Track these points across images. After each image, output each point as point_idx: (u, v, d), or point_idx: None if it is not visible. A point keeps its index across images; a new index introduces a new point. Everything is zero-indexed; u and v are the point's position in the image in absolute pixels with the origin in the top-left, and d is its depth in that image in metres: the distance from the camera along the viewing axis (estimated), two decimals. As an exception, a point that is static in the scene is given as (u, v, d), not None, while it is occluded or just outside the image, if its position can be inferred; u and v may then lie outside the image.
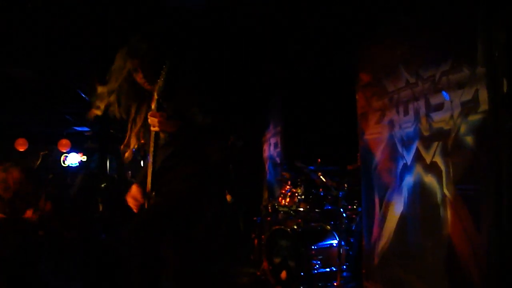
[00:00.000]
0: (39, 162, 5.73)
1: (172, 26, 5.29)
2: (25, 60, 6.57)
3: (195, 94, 3.07)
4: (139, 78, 3.05)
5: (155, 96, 2.88)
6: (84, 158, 16.17)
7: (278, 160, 8.16)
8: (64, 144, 14.82)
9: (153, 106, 2.90)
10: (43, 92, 8.56)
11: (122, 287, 4.16)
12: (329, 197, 5.60)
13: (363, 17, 4.85)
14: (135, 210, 3.08)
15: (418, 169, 3.97)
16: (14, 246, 3.43)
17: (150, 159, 2.97)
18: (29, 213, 3.75)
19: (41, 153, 5.91)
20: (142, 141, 3.22)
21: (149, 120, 2.85)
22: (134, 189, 3.11)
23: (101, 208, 5.97)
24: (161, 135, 2.97)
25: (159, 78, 2.84)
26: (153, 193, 2.97)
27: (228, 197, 8.05)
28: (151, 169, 2.96)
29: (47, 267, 3.79)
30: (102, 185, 6.10)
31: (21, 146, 14.13)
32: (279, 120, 8.34)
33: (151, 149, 2.96)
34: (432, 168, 3.75)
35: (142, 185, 3.07)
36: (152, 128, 2.87)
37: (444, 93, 3.59)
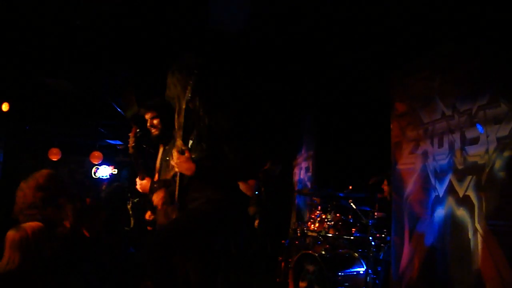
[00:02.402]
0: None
1: (210, 46, 5.39)
2: (63, 72, 6.75)
3: (229, 121, 3.07)
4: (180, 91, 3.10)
5: (183, 106, 2.94)
6: (115, 171, 16.33)
7: (309, 184, 8.17)
8: (96, 156, 15.02)
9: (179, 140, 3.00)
10: (78, 103, 8.74)
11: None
12: (359, 224, 5.59)
13: (400, 47, 4.87)
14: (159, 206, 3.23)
15: (450, 202, 3.96)
16: (52, 252, 3.53)
17: (178, 173, 3.04)
18: (66, 223, 3.85)
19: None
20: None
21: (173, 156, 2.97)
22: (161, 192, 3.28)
23: (132, 222, 6.03)
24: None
25: (187, 90, 2.91)
26: (177, 207, 3.05)
27: (256, 222, 8.09)
28: (179, 183, 3.03)
29: (78, 275, 3.88)
30: (135, 200, 6.16)
31: (54, 155, 14.36)
32: (311, 144, 8.36)
33: None
34: (464, 201, 3.74)
35: (171, 192, 3.16)
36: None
37: (478, 125, 3.59)
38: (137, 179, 3.77)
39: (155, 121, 4.15)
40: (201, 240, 3.05)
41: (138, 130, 3.79)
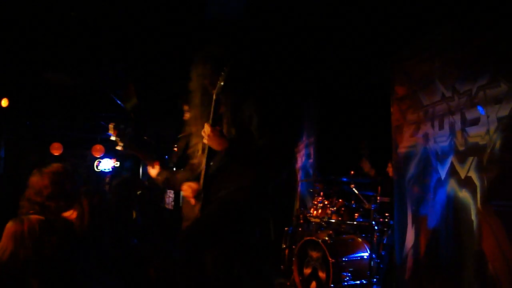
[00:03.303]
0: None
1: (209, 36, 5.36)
2: (62, 66, 6.74)
3: (257, 108, 3.06)
4: (207, 81, 3.11)
5: (214, 97, 2.96)
6: (117, 164, 16.34)
7: (311, 171, 8.16)
8: (98, 149, 15.03)
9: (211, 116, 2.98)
10: (79, 97, 8.75)
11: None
12: (361, 209, 5.59)
13: (399, 30, 4.84)
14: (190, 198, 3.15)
15: (452, 183, 3.94)
16: (51, 247, 3.51)
17: (204, 162, 3.04)
18: (67, 214, 3.81)
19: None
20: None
21: (203, 131, 2.93)
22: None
23: (134, 215, 6.04)
24: None
25: (219, 80, 2.92)
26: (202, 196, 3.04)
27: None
28: (204, 172, 3.02)
29: (81, 268, 3.87)
30: (138, 192, 6.17)
31: (56, 150, 14.38)
32: (312, 130, 8.34)
33: (205, 152, 3.03)
34: (466, 183, 3.72)
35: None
36: (203, 139, 2.95)
37: (479, 107, 3.57)
38: (149, 169, 3.69)
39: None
40: (231, 230, 3.02)
41: (122, 126, 3.63)
